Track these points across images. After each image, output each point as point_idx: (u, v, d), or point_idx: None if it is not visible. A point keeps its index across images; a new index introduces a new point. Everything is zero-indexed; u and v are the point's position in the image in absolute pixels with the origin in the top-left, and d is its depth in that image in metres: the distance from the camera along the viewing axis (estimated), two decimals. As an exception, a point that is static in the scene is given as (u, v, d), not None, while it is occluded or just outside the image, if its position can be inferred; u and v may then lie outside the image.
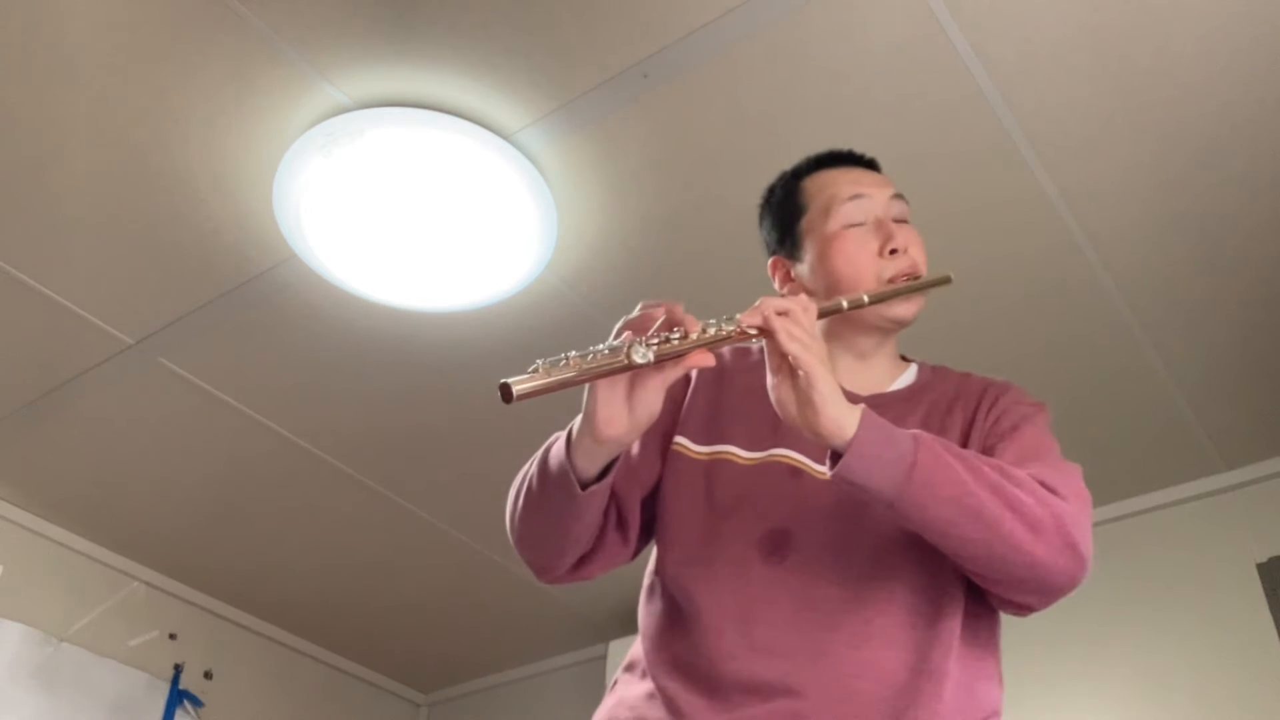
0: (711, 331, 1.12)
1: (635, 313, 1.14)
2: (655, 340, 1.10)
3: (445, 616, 3.60)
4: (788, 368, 1.12)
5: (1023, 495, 1.11)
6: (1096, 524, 3.26)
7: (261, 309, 2.49)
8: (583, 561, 1.28)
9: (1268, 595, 2.57)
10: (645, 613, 1.28)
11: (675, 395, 1.34)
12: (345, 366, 2.64)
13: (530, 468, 1.24)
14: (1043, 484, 1.15)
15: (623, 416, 1.12)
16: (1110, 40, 1.89)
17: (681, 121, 2.06)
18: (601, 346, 1.08)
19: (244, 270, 2.39)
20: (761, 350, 1.20)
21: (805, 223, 1.39)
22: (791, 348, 1.10)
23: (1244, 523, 2.70)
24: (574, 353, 1.06)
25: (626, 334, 1.12)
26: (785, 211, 1.42)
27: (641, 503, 1.31)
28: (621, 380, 1.12)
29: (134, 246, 2.34)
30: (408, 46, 1.94)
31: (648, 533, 1.33)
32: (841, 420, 1.08)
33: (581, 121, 2.06)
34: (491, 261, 2.28)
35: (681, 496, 1.29)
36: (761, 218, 1.48)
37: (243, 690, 3.51)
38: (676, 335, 1.11)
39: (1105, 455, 2.75)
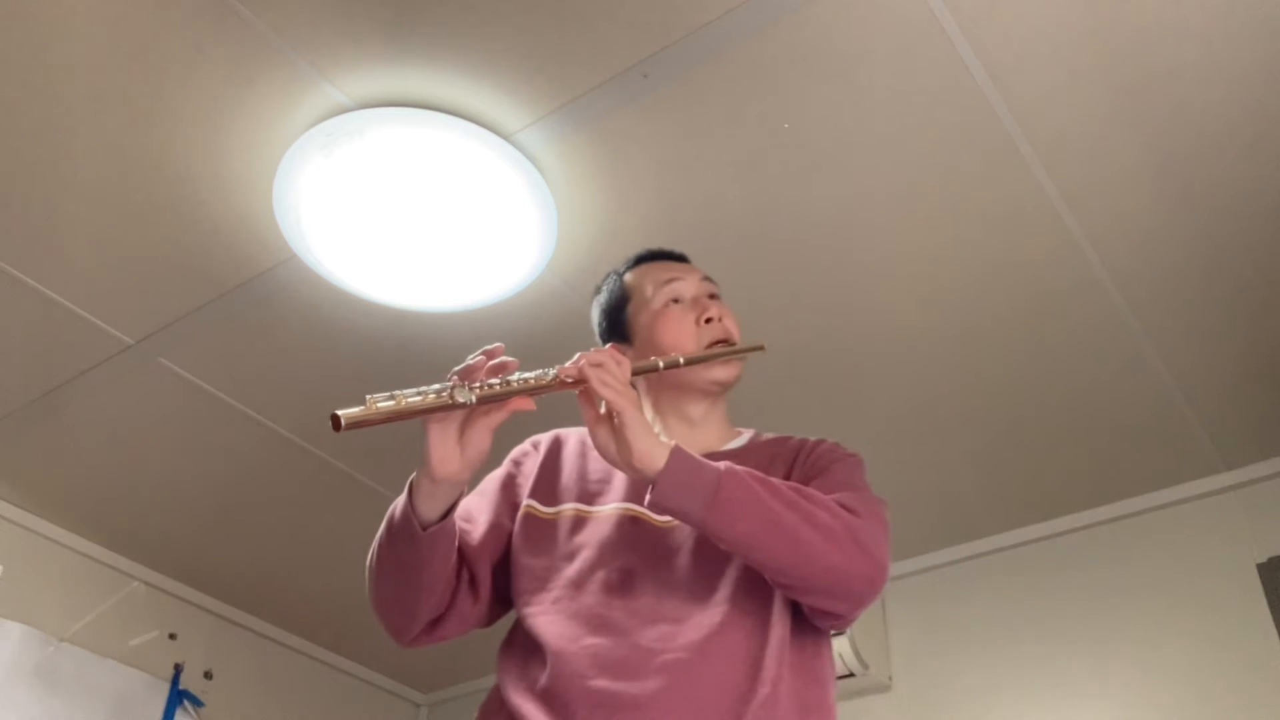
0: (531, 380, 1.27)
1: (466, 362, 1.26)
2: (478, 385, 1.23)
3: (445, 616, 3.59)
4: (606, 414, 1.28)
5: (817, 510, 1.26)
6: (1096, 524, 3.25)
7: (261, 309, 2.49)
8: (437, 622, 1.39)
9: (1268, 595, 2.57)
10: (503, 656, 1.37)
11: (522, 473, 1.51)
12: (345, 367, 2.64)
13: (380, 528, 1.35)
14: (841, 505, 1.29)
15: (454, 456, 1.26)
16: (1110, 40, 1.89)
17: (681, 121, 2.06)
18: (429, 388, 1.21)
19: (244, 270, 2.39)
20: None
21: (630, 310, 1.58)
22: (604, 393, 1.26)
23: (1244, 523, 2.70)
24: (404, 391, 1.19)
25: (454, 377, 1.24)
26: (612, 303, 1.61)
27: (492, 568, 1.43)
28: (453, 424, 1.27)
29: (134, 246, 2.34)
30: (408, 46, 1.94)
31: (503, 599, 1.43)
32: (653, 453, 1.24)
33: (581, 121, 2.06)
34: (491, 261, 2.28)
35: (531, 549, 1.41)
36: (593, 312, 1.65)
37: (243, 690, 3.51)
38: (498, 381, 1.25)
39: (1105, 455, 2.75)
